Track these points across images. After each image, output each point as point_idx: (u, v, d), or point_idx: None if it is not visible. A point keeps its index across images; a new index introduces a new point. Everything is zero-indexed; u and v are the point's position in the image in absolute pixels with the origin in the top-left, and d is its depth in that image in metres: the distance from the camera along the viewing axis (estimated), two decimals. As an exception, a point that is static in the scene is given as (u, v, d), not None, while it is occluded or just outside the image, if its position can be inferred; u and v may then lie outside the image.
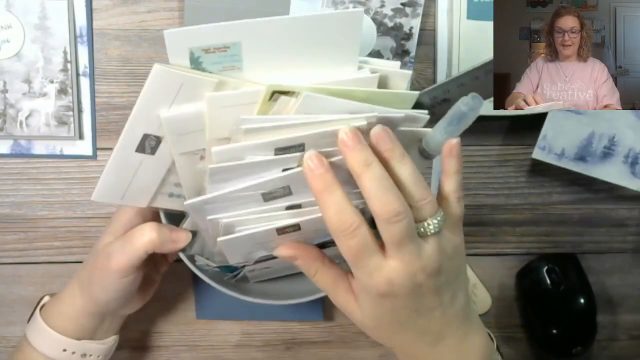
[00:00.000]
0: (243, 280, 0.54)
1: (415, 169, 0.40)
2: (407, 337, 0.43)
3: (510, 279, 0.65)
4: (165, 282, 0.57)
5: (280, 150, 0.40)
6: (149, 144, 0.43)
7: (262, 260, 0.49)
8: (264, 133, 0.40)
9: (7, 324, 0.61)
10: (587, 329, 0.64)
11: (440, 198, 0.42)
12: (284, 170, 0.40)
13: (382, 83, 0.45)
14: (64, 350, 0.51)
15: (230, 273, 0.52)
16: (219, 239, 0.43)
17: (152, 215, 0.50)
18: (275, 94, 0.41)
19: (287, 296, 0.52)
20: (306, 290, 0.52)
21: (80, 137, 0.58)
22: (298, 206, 0.43)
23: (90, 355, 0.52)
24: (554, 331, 0.63)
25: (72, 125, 0.57)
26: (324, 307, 0.63)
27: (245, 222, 0.43)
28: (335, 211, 0.38)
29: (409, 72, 0.45)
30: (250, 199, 0.42)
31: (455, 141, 0.41)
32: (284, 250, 0.43)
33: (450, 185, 0.42)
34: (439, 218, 0.40)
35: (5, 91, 0.56)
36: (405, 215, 0.38)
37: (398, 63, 0.46)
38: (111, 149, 0.58)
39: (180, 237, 0.48)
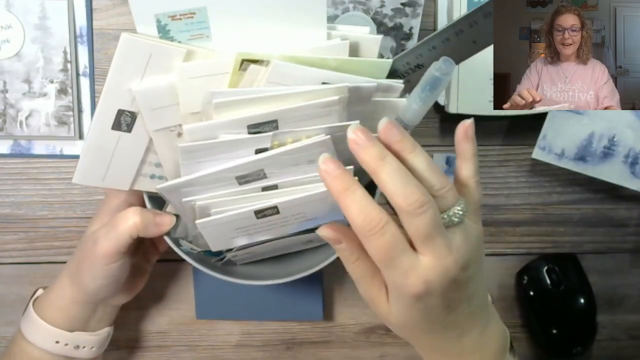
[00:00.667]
0: (229, 263, 0.54)
1: (429, 158, 0.38)
2: (435, 334, 0.41)
3: (510, 279, 0.65)
4: (165, 282, 0.57)
5: (253, 127, 0.39)
6: (124, 121, 0.42)
7: (245, 247, 0.49)
8: (235, 107, 0.39)
9: (7, 324, 0.61)
10: (587, 329, 0.64)
11: (459, 185, 0.40)
12: (257, 151, 0.40)
13: (353, 50, 0.44)
14: (57, 342, 0.51)
15: (215, 257, 0.52)
16: (197, 221, 0.43)
17: (139, 201, 0.50)
18: (245, 62, 0.40)
19: (273, 277, 0.51)
20: (291, 271, 0.51)
21: (80, 137, 0.58)
22: (274, 187, 0.42)
23: (84, 347, 0.52)
24: (554, 331, 0.63)
25: (72, 125, 0.57)
26: (324, 307, 0.63)
27: (221, 204, 0.42)
28: (359, 211, 0.36)
29: (379, 37, 0.44)
30: (224, 181, 0.41)
31: (469, 122, 0.40)
32: (328, 231, 0.40)
33: (468, 170, 0.40)
34: (462, 205, 0.38)
35: (5, 91, 0.56)
36: (431, 205, 0.36)
37: (367, 28, 0.44)
38: (111, 149, 0.59)
39: (164, 221, 0.47)
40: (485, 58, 0.45)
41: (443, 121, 0.61)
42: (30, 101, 0.56)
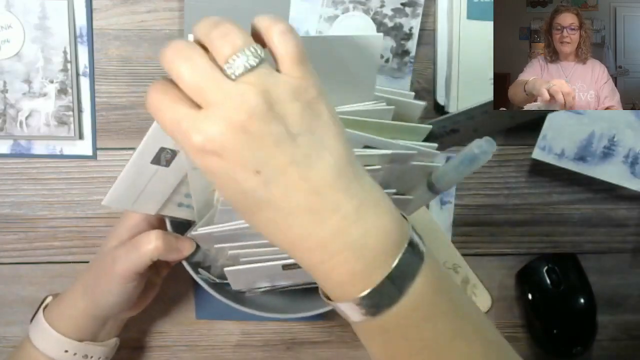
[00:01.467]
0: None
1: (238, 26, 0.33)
2: (266, 214, 0.33)
3: (510, 279, 0.65)
4: (165, 282, 0.57)
5: None
6: (164, 157, 0.44)
7: (264, 287, 0.51)
8: None
9: (7, 324, 0.61)
10: (587, 329, 0.64)
11: (256, 39, 0.33)
12: None
13: (396, 111, 0.45)
14: (66, 351, 0.51)
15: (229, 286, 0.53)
16: (226, 269, 0.45)
17: (158, 221, 0.51)
18: None
19: (285, 309, 0.54)
20: (302, 305, 0.53)
21: (80, 137, 0.58)
22: None
23: (92, 357, 0.53)
24: (554, 331, 0.63)
25: (72, 125, 0.57)
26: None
27: (251, 253, 0.44)
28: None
29: (422, 104, 0.47)
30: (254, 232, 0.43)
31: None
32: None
33: (263, 21, 0.33)
34: (249, 51, 0.31)
35: (5, 91, 0.56)
36: (188, 45, 0.31)
37: (412, 94, 0.47)
38: (111, 149, 0.59)
39: (184, 246, 0.48)
40: (485, 58, 0.45)
41: (443, 121, 0.61)
42: (30, 101, 0.56)
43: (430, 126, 0.46)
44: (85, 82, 0.57)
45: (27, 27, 0.55)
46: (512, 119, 0.48)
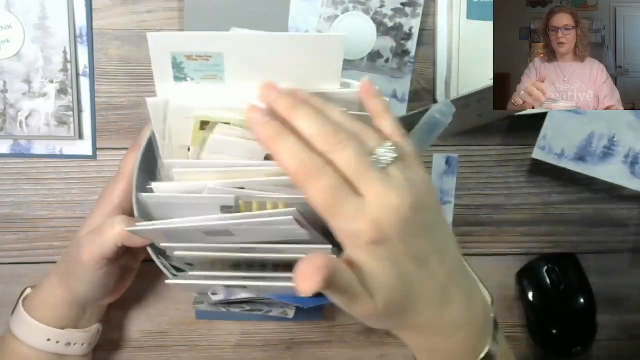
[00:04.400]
0: None
1: (346, 113, 0.38)
2: (415, 306, 0.37)
3: (510, 279, 0.65)
4: (165, 282, 0.57)
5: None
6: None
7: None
8: (195, 176, 0.41)
9: (7, 324, 0.61)
10: (587, 329, 0.64)
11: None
12: (222, 208, 0.41)
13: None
14: (48, 340, 0.51)
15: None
16: (167, 281, 0.45)
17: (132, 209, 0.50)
18: (207, 122, 0.41)
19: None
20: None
21: (80, 137, 0.58)
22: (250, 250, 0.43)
23: (75, 344, 0.53)
24: (554, 331, 0.63)
25: (72, 125, 0.57)
26: (324, 307, 0.63)
27: (195, 259, 0.44)
28: (292, 156, 0.34)
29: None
30: (193, 234, 0.43)
31: (366, 80, 0.39)
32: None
33: (388, 127, 0.38)
34: (389, 144, 0.36)
35: (5, 91, 0.56)
36: (350, 138, 0.35)
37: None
38: (111, 149, 0.59)
39: None
40: (485, 58, 0.45)
41: (443, 121, 0.61)
42: (30, 101, 0.56)
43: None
44: (85, 82, 0.57)
45: (27, 27, 0.55)
46: (480, 118, 0.49)
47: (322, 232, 0.42)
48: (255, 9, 0.55)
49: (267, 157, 0.41)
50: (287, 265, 0.41)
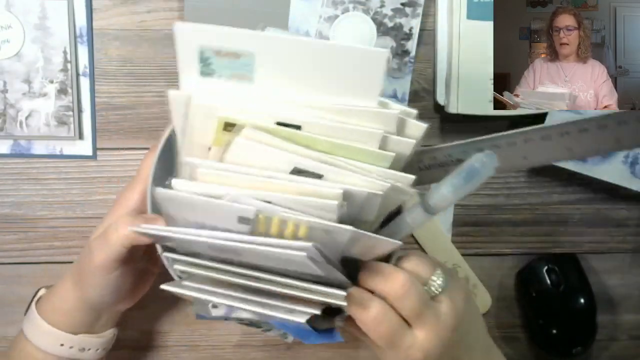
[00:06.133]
0: None
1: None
2: None
3: (510, 279, 0.65)
4: (165, 282, 0.57)
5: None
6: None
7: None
8: (220, 180, 0.38)
9: (7, 324, 0.61)
10: (587, 329, 0.64)
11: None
12: (240, 219, 0.37)
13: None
14: (62, 345, 0.50)
15: None
16: (163, 285, 0.43)
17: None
18: (228, 124, 0.39)
19: None
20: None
21: (80, 137, 0.58)
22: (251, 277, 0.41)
23: (89, 349, 0.51)
24: (554, 331, 0.63)
25: (72, 125, 0.57)
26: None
27: (195, 277, 0.43)
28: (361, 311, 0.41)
29: (424, 125, 0.41)
30: (199, 246, 0.41)
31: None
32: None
33: (426, 273, 0.44)
34: (438, 274, 0.43)
35: (5, 91, 0.56)
36: (412, 281, 0.41)
37: (415, 112, 0.42)
38: (111, 149, 0.59)
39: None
40: (485, 58, 0.45)
41: (443, 121, 0.61)
42: (30, 101, 0.56)
43: (393, 154, 0.40)
44: (85, 82, 0.57)
45: (27, 27, 0.55)
46: (525, 160, 0.42)
47: (339, 259, 0.40)
48: (255, 9, 0.55)
49: (294, 171, 0.39)
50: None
